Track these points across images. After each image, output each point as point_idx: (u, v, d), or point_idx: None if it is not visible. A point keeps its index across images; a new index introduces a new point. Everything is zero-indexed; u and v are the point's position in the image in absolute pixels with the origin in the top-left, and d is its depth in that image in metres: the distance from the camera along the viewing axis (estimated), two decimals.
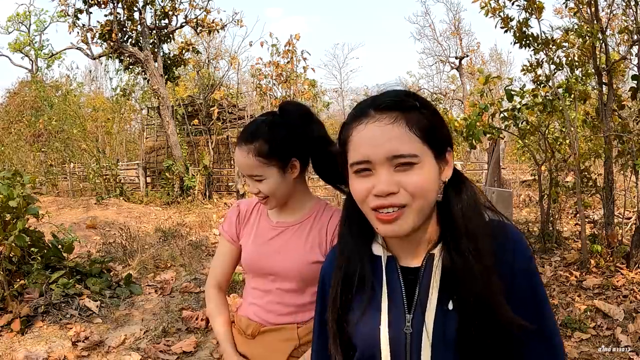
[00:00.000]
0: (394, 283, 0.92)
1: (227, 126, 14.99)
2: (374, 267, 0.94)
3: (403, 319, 0.89)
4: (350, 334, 0.93)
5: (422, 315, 0.87)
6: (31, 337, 3.71)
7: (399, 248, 0.94)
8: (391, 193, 0.83)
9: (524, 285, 0.87)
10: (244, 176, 1.43)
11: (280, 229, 1.46)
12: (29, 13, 27.43)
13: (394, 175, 0.83)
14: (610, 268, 4.66)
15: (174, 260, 6.02)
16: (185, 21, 13.99)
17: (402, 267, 0.93)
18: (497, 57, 30.84)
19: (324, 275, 1.06)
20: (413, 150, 0.83)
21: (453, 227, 0.88)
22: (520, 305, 0.86)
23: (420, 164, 0.84)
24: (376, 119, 0.85)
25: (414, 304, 0.89)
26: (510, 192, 2.58)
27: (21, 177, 4.23)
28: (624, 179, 5.88)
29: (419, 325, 0.87)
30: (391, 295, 0.91)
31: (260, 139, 1.36)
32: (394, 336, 0.88)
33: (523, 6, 5.11)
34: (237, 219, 1.53)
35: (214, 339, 3.76)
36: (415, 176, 0.83)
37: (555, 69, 5.21)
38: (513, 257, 0.88)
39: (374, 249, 0.96)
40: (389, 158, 0.83)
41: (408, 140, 0.83)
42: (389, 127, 0.84)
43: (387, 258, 0.94)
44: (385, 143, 0.83)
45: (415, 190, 0.83)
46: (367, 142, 0.85)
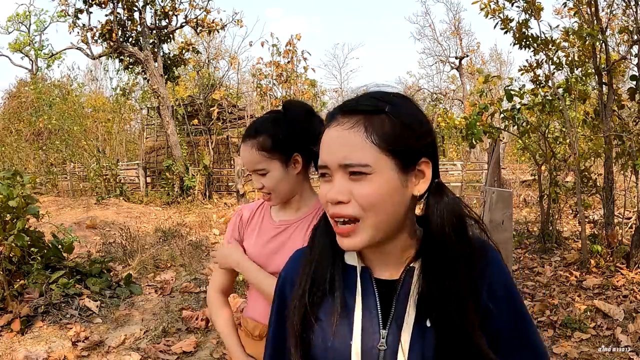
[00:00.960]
0: (368, 295, 0.85)
1: (227, 126, 14.99)
2: (346, 277, 0.87)
3: (377, 334, 0.82)
4: (316, 348, 0.86)
5: (398, 331, 0.81)
6: (31, 337, 3.71)
7: (372, 259, 0.88)
8: (340, 202, 0.78)
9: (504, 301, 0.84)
10: (244, 176, 1.44)
11: (282, 227, 1.47)
12: (29, 13, 27.43)
13: (349, 183, 0.78)
14: (610, 268, 4.66)
15: (174, 260, 6.02)
16: (185, 21, 14.00)
17: (376, 279, 0.86)
18: (497, 57, 30.88)
19: (284, 279, 0.97)
20: (365, 159, 0.77)
21: (432, 245, 0.82)
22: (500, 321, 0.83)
23: (374, 175, 0.77)
24: (338, 122, 0.80)
25: (390, 319, 0.83)
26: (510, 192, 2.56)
27: (21, 177, 4.23)
28: (624, 179, 5.88)
29: (395, 342, 0.81)
30: (365, 309, 0.84)
31: (263, 134, 1.40)
32: (366, 352, 0.82)
33: (523, 7, 5.11)
34: (239, 224, 1.55)
35: (214, 339, 3.76)
36: (366, 188, 0.77)
37: (555, 69, 5.22)
38: (492, 278, 0.84)
39: (347, 258, 0.89)
40: (342, 166, 0.78)
41: (361, 148, 0.77)
42: (345, 133, 0.79)
43: (361, 269, 0.87)
44: (338, 150, 0.79)
45: (364, 202, 0.78)
46: (326, 147, 0.81)
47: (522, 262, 5.45)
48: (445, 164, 18.33)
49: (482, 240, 0.88)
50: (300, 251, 0.98)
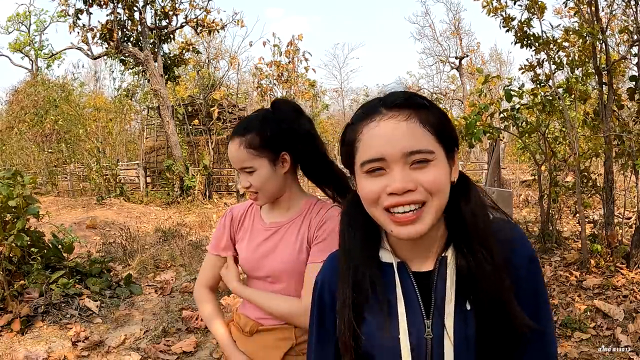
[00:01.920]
0: (408, 289, 0.89)
1: (227, 126, 14.99)
2: (384, 274, 0.90)
3: (422, 325, 0.87)
4: (367, 346, 0.89)
5: (441, 319, 0.85)
6: (31, 337, 3.71)
7: (408, 253, 0.91)
8: (409, 190, 0.81)
9: (526, 283, 0.87)
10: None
11: (273, 229, 1.46)
12: (29, 13, 27.45)
13: (410, 172, 0.81)
14: (610, 268, 4.66)
15: (174, 260, 6.02)
16: (186, 21, 14.00)
17: (413, 273, 0.90)
18: (497, 57, 30.86)
19: (321, 284, 0.99)
20: (430, 146, 0.82)
21: (464, 228, 0.86)
22: (522, 301, 0.85)
23: (436, 160, 0.82)
24: (389, 116, 0.83)
25: (432, 309, 0.87)
26: (510, 192, 2.57)
27: (21, 177, 4.23)
28: (624, 179, 5.88)
29: (440, 329, 0.85)
30: (407, 302, 0.88)
31: (251, 131, 1.38)
32: (416, 343, 0.86)
33: (525, 6, 5.10)
34: (230, 226, 1.54)
35: (213, 339, 3.76)
36: (432, 173, 0.81)
37: (555, 69, 5.21)
38: (515, 256, 0.87)
39: (382, 256, 0.93)
40: (405, 154, 0.81)
41: (423, 136, 0.82)
42: (403, 124, 0.82)
43: (397, 264, 0.91)
44: (400, 139, 0.81)
45: (432, 186, 0.81)
46: (382, 139, 0.82)
47: None
48: None
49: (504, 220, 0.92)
50: (333, 256, 1.01)
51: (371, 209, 0.86)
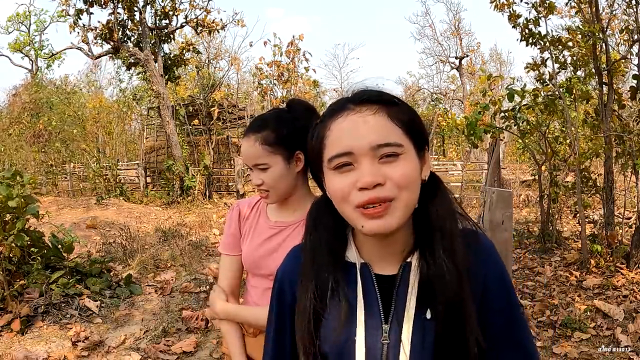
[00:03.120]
0: (369, 292, 0.87)
1: (228, 126, 14.99)
2: (347, 274, 0.88)
3: (380, 329, 0.85)
4: (323, 345, 0.88)
5: (399, 325, 0.83)
6: (31, 337, 3.70)
7: (374, 255, 0.89)
8: (378, 184, 0.78)
9: (496, 294, 0.85)
10: (244, 175, 1.43)
11: (277, 228, 1.45)
12: (29, 13, 27.46)
13: (379, 167, 0.79)
14: (610, 268, 4.66)
15: (174, 260, 6.02)
16: (186, 21, 14.01)
17: (376, 275, 0.88)
18: (497, 57, 30.86)
19: (282, 277, 0.98)
20: (399, 139, 0.80)
21: (429, 231, 0.84)
22: (493, 314, 0.84)
23: (405, 154, 0.80)
24: (356, 111, 0.81)
25: (391, 314, 0.85)
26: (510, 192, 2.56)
27: (21, 177, 4.23)
28: (624, 179, 5.87)
29: (397, 335, 0.83)
30: (366, 305, 0.86)
31: (267, 128, 1.38)
32: (371, 347, 0.84)
33: (533, 4, 5.09)
34: (238, 219, 1.52)
35: (214, 339, 3.76)
36: (401, 167, 0.79)
37: (559, 68, 5.21)
38: (485, 266, 0.85)
39: (347, 256, 0.90)
40: (373, 148, 0.79)
41: (391, 129, 0.80)
42: (371, 117, 0.80)
43: (360, 265, 0.89)
44: (368, 133, 0.79)
45: (401, 180, 0.79)
46: (349, 133, 0.80)
47: (522, 262, 5.45)
48: (446, 164, 18.33)
49: (473, 230, 0.89)
50: (297, 249, 0.98)
51: (341, 206, 0.83)
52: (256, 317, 1.43)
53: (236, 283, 1.55)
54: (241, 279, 1.58)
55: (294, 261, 0.96)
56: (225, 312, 1.48)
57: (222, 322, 1.52)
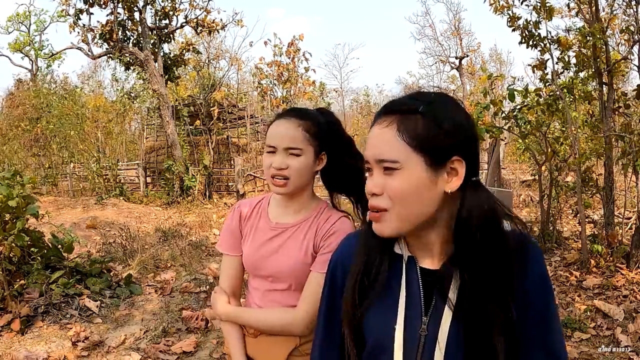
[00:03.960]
0: (412, 284, 0.91)
1: (228, 126, 14.99)
2: (394, 265, 0.93)
3: (419, 321, 0.88)
4: (364, 329, 0.92)
5: (438, 319, 0.86)
6: (31, 337, 3.70)
7: (416, 249, 0.93)
8: (374, 194, 0.86)
9: (536, 302, 0.87)
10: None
11: (278, 230, 1.44)
12: (29, 13, 27.44)
13: (383, 177, 0.85)
14: (610, 268, 4.66)
15: (174, 260, 6.02)
16: (186, 21, 14.00)
17: (421, 269, 0.92)
18: (497, 57, 30.83)
19: (335, 262, 1.03)
20: (395, 156, 0.84)
21: (465, 242, 0.86)
22: (530, 317, 0.86)
23: (402, 170, 0.83)
24: (378, 122, 0.88)
25: (431, 307, 0.88)
26: (510, 192, 2.57)
27: (21, 177, 4.23)
28: (624, 179, 5.87)
29: (435, 328, 0.86)
30: (409, 296, 0.90)
31: (310, 119, 1.40)
32: (408, 337, 0.87)
33: (534, 7, 5.09)
34: (239, 220, 1.51)
35: (214, 339, 3.76)
36: (396, 182, 0.84)
37: (563, 68, 5.20)
38: (530, 271, 0.87)
39: (396, 248, 0.95)
40: (376, 160, 0.86)
41: (392, 145, 0.84)
42: (381, 131, 0.86)
43: (407, 258, 0.93)
44: (374, 146, 0.86)
45: (393, 195, 0.84)
46: (368, 145, 0.89)
47: None
48: None
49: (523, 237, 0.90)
50: (351, 236, 1.05)
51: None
52: (257, 319, 1.43)
53: (237, 284, 1.54)
54: (242, 279, 1.57)
55: (347, 248, 1.02)
56: (227, 314, 1.48)
57: (223, 322, 1.51)
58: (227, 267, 1.53)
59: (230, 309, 1.48)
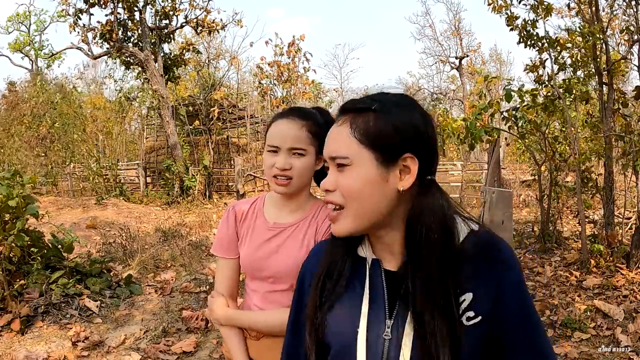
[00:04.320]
0: (376, 286, 0.89)
1: (227, 126, 14.99)
2: (358, 268, 0.92)
3: (383, 324, 0.86)
4: (327, 334, 0.91)
5: (402, 322, 0.84)
6: (31, 337, 3.70)
7: (379, 250, 0.91)
8: (327, 190, 0.87)
9: (512, 300, 0.84)
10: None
11: (276, 230, 1.43)
12: (29, 13, 27.47)
13: (337, 174, 0.87)
14: (610, 268, 4.66)
15: (174, 260, 6.02)
16: (186, 21, 14.01)
17: (386, 271, 0.90)
18: (497, 57, 30.84)
19: (304, 271, 1.03)
20: (345, 152, 0.85)
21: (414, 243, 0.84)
22: (509, 319, 0.83)
23: (353, 166, 0.84)
24: (335, 122, 0.90)
25: (395, 310, 0.86)
26: (510, 192, 2.56)
27: (21, 177, 4.22)
28: (624, 179, 5.87)
29: (399, 332, 0.84)
30: (373, 299, 0.88)
31: (312, 119, 1.39)
32: (372, 341, 0.85)
33: (531, 6, 5.09)
34: (234, 221, 1.50)
35: (214, 339, 3.76)
36: (347, 178, 0.85)
37: (558, 69, 5.21)
38: (499, 272, 0.84)
39: (360, 251, 0.93)
40: (330, 158, 0.88)
41: (344, 142, 0.85)
42: (336, 130, 0.88)
43: (372, 260, 0.91)
44: (328, 144, 0.89)
45: (344, 191, 0.85)
46: (324, 144, 0.91)
47: (522, 262, 5.45)
48: (445, 164, 18.33)
49: (489, 239, 0.87)
50: (321, 243, 1.05)
51: None
52: (258, 321, 1.43)
53: (234, 286, 1.54)
54: (239, 281, 1.56)
55: (315, 256, 1.02)
56: (227, 318, 1.47)
57: (222, 326, 1.50)
58: (224, 271, 1.52)
59: (230, 312, 1.47)
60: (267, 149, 1.40)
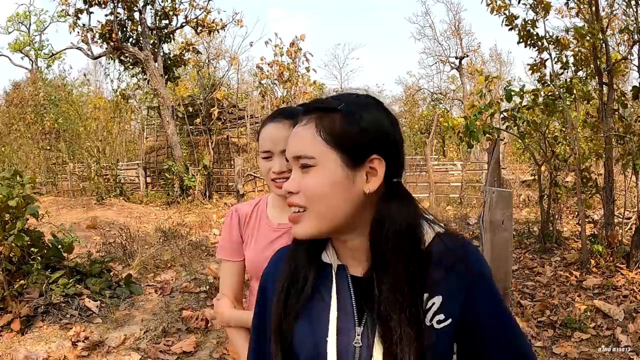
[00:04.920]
0: (344, 293, 0.86)
1: (227, 126, 14.99)
2: (323, 275, 0.88)
3: (353, 332, 0.83)
4: (294, 344, 0.87)
5: (373, 328, 0.82)
6: (31, 337, 3.71)
7: (345, 255, 0.89)
8: (290, 192, 0.84)
9: (482, 300, 0.83)
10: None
11: (280, 231, 1.43)
12: (29, 13, 27.47)
13: (300, 176, 0.84)
14: (610, 268, 4.66)
15: (174, 260, 6.02)
16: (186, 21, 14.00)
17: (352, 277, 0.87)
18: (497, 57, 30.84)
19: (266, 277, 1.00)
20: (310, 152, 0.82)
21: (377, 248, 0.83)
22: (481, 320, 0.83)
23: (318, 167, 0.81)
24: (299, 121, 0.87)
25: (365, 317, 0.84)
26: (510, 192, 2.56)
27: (21, 177, 4.22)
28: (624, 179, 5.87)
29: (369, 339, 0.82)
30: (340, 306, 0.85)
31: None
32: (342, 349, 0.83)
33: (530, 5, 5.10)
34: (238, 224, 1.50)
35: (214, 339, 3.76)
36: (311, 178, 0.82)
37: (561, 68, 5.21)
38: (467, 272, 0.83)
39: (324, 257, 0.90)
40: (294, 158, 0.85)
41: (309, 142, 0.82)
42: (300, 129, 0.85)
43: (337, 266, 0.88)
44: (293, 144, 0.85)
45: (308, 192, 0.82)
46: (288, 144, 0.88)
47: (522, 262, 5.45)
48: (445, 164, 18.34)
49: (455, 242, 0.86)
50: (282, 250, 1.00)
51: None
52: None
53: (239, 288, 1.53)
54: (243, 284, 1.56)
55: (277, 262, 0.97)
56: (236, 319, 1.46)
57: (230, 328, 1.50)
58: (229, 273, 1.52)
59: (237, 313, 1.47)
60: (261, 155, 1.40)
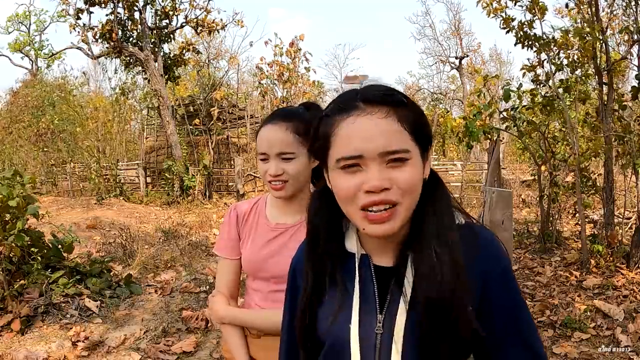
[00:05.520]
0: (366, 282, 0.89)
1: (227, 126, 14.99)
2: (346, 264, 0.91)
3: (374, 319, 0.86)
4: (320, 330, 0.91)
5: (394, 316, 0.84)
6: (31, 337, 3.71)
7: (372, 246, 0.91)
8: (385, 189, 0.80)
9: (498, 292, 0.85)
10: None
11: (278, 230, 1.44)
12: (28, 13, 27.46)
13: (386, 171, 0.80)
14: (610, 268, 4.66)
15: (174, 260, 6.02)
16: (186, 21, 14.00)
17: (375, 266, 0.90)
18: (497, 57, 30.83)
19: (295, 266, 1.02)
20: (406, 145, 0.81)
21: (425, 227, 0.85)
22: (496, 312, 0.84)
23: (412, 160, 0.82)
24: (367, 112, 0.81)
25: (386, 305, 0.86)
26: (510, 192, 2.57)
27: (21, 177, 4.22)
28: (624, 179, 5.87)
29: (390, 326, 0.84)
30: (363, 294, 0.88)
31: (297, 119, 1.36)
32: (364, 336, 0.86)
33: (526, 7, 5.11)
34: (236, 223, 1.50)
35: (214, 339, 3.76)
36: (408, 172, 0.81)
37: (555, 69, 5.21)
38: (484, 262, 0.85)
39: (347, 245, 0.93)
40: (382, 154, 0.80)
41: (400, 134, 0.81)
42: (382, 122, 0.80)
43: (360, 256, 0.91)
44: (378, 138, 0.80)
45: (406, 186, 0.81)
46: (360, 136, 0.80)
47: (522, 262, 5.45)
48: (445, 164, 18.33)
49: (471, 224, 0.89)
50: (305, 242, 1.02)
51: (345, 205, 0.84)
52: (260, 319, 1.43)
53: (235, 286, 1.54)
54: (240, 281, 1.57)
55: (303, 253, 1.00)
56: (229, 316, 1.47)
57: (224, 325, 1.51)
58: (225, 271, 1.52)
59: (231, 310, 1.48)
60: (258, 156, 1.39)
